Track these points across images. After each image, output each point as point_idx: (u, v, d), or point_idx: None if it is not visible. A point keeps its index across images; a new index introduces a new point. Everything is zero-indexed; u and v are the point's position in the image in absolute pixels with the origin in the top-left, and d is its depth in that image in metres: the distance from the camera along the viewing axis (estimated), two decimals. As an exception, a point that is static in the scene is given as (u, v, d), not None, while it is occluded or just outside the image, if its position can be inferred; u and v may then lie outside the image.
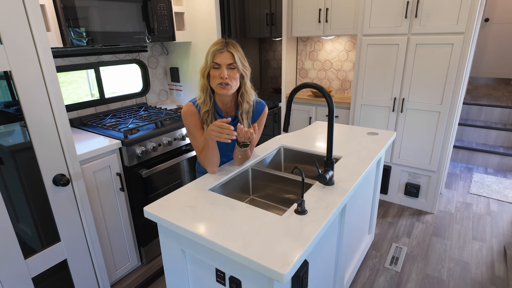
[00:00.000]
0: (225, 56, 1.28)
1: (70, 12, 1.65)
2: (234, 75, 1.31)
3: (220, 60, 1.29)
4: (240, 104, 1.41)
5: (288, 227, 1.02)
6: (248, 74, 1.37)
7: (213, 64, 1.31)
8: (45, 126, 1.40)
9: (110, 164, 1.78)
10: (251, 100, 1.42)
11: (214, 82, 1.32)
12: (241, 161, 1.49)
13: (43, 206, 1.47)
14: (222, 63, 1.29)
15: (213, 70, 1.31)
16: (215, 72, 1.31)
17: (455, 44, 2.25)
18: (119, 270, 1.96)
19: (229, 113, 1.46)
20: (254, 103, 1.45)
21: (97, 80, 2.26)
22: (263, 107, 1.47)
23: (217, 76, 1.30)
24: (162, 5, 2.09)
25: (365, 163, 1.51)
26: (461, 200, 2.93)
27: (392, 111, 2.65)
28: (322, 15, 2.90)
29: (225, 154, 1.54)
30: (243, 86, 1.38)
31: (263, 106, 1.47)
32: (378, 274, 2.05)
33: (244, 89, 1.38)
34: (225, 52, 1.29)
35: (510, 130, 3.60)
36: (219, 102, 1.42)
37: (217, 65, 1.30)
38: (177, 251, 1.15)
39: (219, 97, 1.40)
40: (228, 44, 1.31)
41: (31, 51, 1.31)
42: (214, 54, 1.29)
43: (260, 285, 0.94)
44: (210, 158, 1.38)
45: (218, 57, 1.29)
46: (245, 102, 1.40)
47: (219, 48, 1.29)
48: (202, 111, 1.38)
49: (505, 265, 2.10)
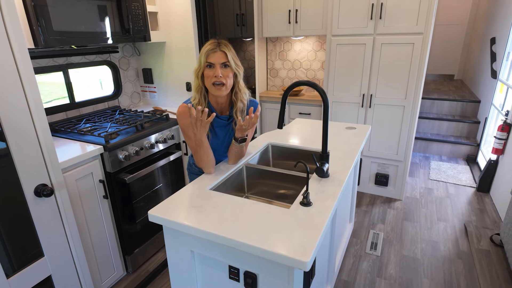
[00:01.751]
0: (218, 56, 1.30)
1: (42, 11, 1.54)
2: (228, 73, 1.33)
3: (214, 59, 1.30)
4: (234, 103, 1.43)
5: (298, 219, 1.07)
6: (241, 73, 1.39)
7: (206, 64, 1.31)
8: (24, 133, 1.30)
9: (93, 171, 1.69)
10: (245, 99, 1.44)
11: (208, 82, 1.33)
12: (236, 159, 1.50)
13: (23, 219, 1.36)
14: (215, 62, 1.30)
15: (207, 69, 1.32)
16: (209, 72, 1.32)
17: (416, 44, 2.46)
18: (105, 282, 1.86)
19: (223, 112, 1.47)
20: (248, 102, 1.47)
21: (66, 83, 2.12)
22: (256, 104, 1.51)
23: (211, 75, 1.32)
24: (136, 4, 2.02)
25: (352, 155, 1.61)
26: (423, 186, 3.20)
27: (361, 106, 2.82)
28: (291, 16, 2.99)
29: (220, 154, 1.54)
30: (237, 85, 1.40)
31: (256, 105, 1.50)
32: (361, 260, 2.18)
33: (237, 87, 1.40)
34: (218, 51, 1.31)
35: (458, 121, 4.01)
36: (213, 102, 1.42)
37: (211, 64, 1.31)
38: (186, 252, 1.14)
39: (213, 97, 1.40)
40: (221, 44, 1.32)
41: (6, 51, 1.21)
42: (207, 54, 1.31)
43: (279, 276, 0.97)
44: (204, 158, 1.38)
45: (212, 56, 1.30)
46: (239, 100, 1.42)
47: (212, 48, 1.30)
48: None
49: (467, 241, 2.35)
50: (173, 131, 2.17)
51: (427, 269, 2.08)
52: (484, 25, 4.57)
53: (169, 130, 2.15)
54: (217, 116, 1.44)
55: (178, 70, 2.43)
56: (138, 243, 2.05)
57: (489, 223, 2.56)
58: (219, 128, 1.47)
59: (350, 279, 2.01)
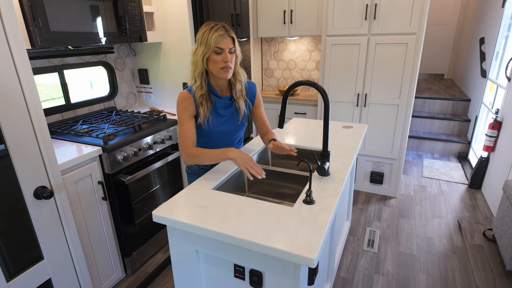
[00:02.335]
0: (227, 41, 1.33)
1: (38, 11, 1.52)
2: (233, 58, 1.38)
3: (224, 45, 1.32)
4: (233, 84, 1.48)
5: (302, 217, 1.08)
6: (240, 57, 1.44)
7: (215, 49, 1.32)
8: (23, 134, 1.28)
9: (91, 173, 1.68)
10: (243, 80, 1.50)
11: (216, 66, 1.35)
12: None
13: (23, 222, 1.34)
14: (225, 47, 1.33)
15: (214, 55, 1.33)
16: (218, 57, 1.33)
17: (409, 43, 2.51)
18: (104, 284, 1.85)
19: (224, 93, 1.50)
20: (246, 83, 1.53)
21: (62, 84, 2.09)
22: (255, 85, 1.59)
23: (220, 60, 1.34)
24: (133, 5, 2.01)
25: (351, 153, 1.63)
26: (417, 183, 3.26)
27: (356, 106, 2.86)
28: (287, 16, 3.02)
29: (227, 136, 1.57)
30: (236, 68, 1.46)
31: (254, 85, 1.58)
32: (358, 257, 2.21)
33: (236, 70, 1.46)
34: (227, 37, 1.33)
35: (450, 119, 4.09)
36: (214, 84, 1.45)
37: (220, 49, 1.33)
38: (190, 252, 1.15)
39: (214, 80, 1.43)
40: (227, 30, 1.35)
41: (5, 52, 1.19)
42: (217, 39, 1.31)
43: (285, 273, 0.98)
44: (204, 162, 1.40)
45: (222, 42, 1.32)
46: (238, 81, 1.48)
47: (222, 33, 1.32)
48: (198, 95, 1.40)
49: (461, 236, 2.41)
50: (170, 132, 2.17)
51: (423, 264, 2.12)
52: (472, 26, 4.67)
53: (167, 130, 2.14)
54: (219, 97, 1.47)
55: (175, 70, 2.43)
56: (137, 245, 2.04)
57: (481, 218, 2.62)
58: (223, 108, 1.49)
59: (348, 276, 2.03)
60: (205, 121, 1.43)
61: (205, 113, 1.42)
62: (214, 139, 1.51)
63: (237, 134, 1.59)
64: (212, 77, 1.42)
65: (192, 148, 1.40)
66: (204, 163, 1.41)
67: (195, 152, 1.39)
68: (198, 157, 1.39)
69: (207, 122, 1.44)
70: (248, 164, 1.27)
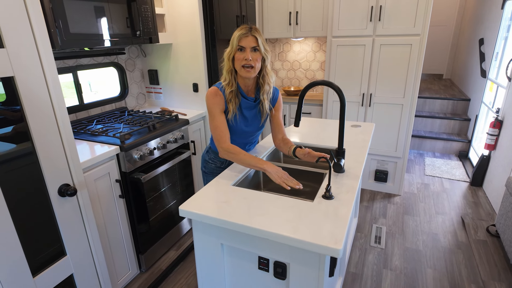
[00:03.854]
0: (250, 40, 1.37)
1: (59, 13, 1.56)
2: (257, 57, 1.40)
3: (245, 43, 1.37)
4: (261, 85, 1.50)
5: (323, 211, 1.13)
6: (269, 57, 1.46)
7: (238, 47, 1.38)
8: (49, 132, 1.32)
9: (109, 171, 1.72)
10: (271, 82, 1.51)
11: (238, 64, 1.40)
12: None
13: (48, 219, 1.38)
14: (246, 46, 1.37)
15: (238, 52, 1.39)
16: (240, 55, 1.39)
17: (413, 45, 2.57)
18: (121, 280, 1.89)
19: (250, 94, 1.54)
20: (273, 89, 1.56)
21: (75, 84, 2.13)
22: (278, 91, 1.61)
23: (242, 58, 1.38)
24: (146, 7, 2.05)
25: (362, 151, 1.69)
26: (420, 181, 3.32)
27: (361, 105, 2.92)
28: (292, 18, 3.07)
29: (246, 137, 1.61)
30: (264, 69, 1.47)
31: (277, 91, 1.60)
32: (366, 253, 2.26)
33: (265, 71, 1.48)
34: (249, 36, 1.37)
35: (450, 118, 4.17)
36: (241, 84, 1.49)
37: (242, 48, 1.38)
38: (216, 246, 1.19)
39: (241, 79, 1.47)
40: (252, 29, 1.39)
41: (34, 54, 1.23)
42: (240, 38, 1.37)
43: (310, 264, 1.03)
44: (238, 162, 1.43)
45: (243, 40, 1.37)
46: (266, 83, 1.49)
47: (244, 32, 1.37)
48: (227, 92, 1.45)
49: (465, 232, 2.47)
50: (182, 131, 2.21)
51: (429, 259, 2.18)
52: (471, 27, 4.75)
53: (179, 130, 2.18)
54: (245, 97, 1.51)
55: (185, 71, 2.47)
56: (150, 242, 2.08)
57: (484, 215, 2.69)
58: (247, 109, 1.54)
59: (358, 271, 2.09)
60: (232, 117, 1.48)
61: (233, 109, 1.46)
62: (232, 137, 1.54)
63: (255, 135, 1.63)
64: (239, 77, 1.47)
65: (230, 144, 1.44)
66: (237, 162, 1.43)
67: (234, 150, 1.42)
68: (235, 155, 1.41)
69: (234, 118, 1.48)
70: (283, 178, 1.30)
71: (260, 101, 1.54)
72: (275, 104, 1.62)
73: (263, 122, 1.59)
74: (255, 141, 1.75)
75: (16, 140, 1.34)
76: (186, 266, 2.13)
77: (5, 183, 1.18)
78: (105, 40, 1.82)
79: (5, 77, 1.16)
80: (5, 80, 1.17)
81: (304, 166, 1.60)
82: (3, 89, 1.31)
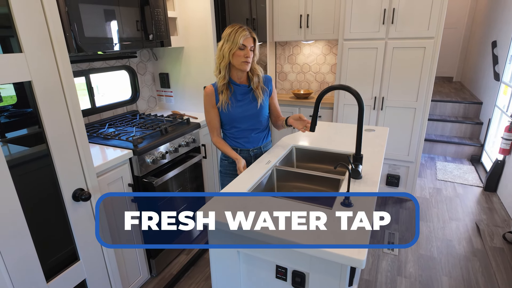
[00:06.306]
0: (250, 40, 1.60)
1: (75, 17, 1.56)
2: (251, 54, 1.64)
3: (247, 43, 1.59)
4: (251, 77, 1.72)
5: (343, 219, 1.10)
6: (258, 55, 1.69)
7: (240, 46, 1.57)
8: (64, 137, 1.32)
9: (123, 175, 1.71)
10: (260, 74, 1.74)
11: (238, 60, 1.60)
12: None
13: (61, 223, 1.38)
14: (248, 45, 1.59)
15: (239, 50, 1.58)
16: (241, 52, 1.59)
17: (427, 47, 2.53)
18: (132, 285, 1.88)
19: (241, 82, 1.74)
20: (262, 76, 1.77)
21: (88, 88, 2.13)
22: (270, 77, 1.82)
23: (242, 55, 1.59)
24: (159, 10, 2.05)
25: (378, 156, 1.66)
26: (432, 186, 3.27)
27: (373, 109, 2.88)
28: (303, 21, 3.05)
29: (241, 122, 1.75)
30: (253, 64, 1.70)
31: (269, 77, 1.81)
32: (380, 259, 2.22)
33: (253, 66, 1.70)
34: (250, 37, 1.60)
35: (461, 122, 4.10)
36: (234, 76, 1.70)
37: (244, 46, 1.58)
38: (232, 253, 1.17)
39: (235, 72, 1.68)
40: (251, 31, 1.61)
41: (51, 58, 1.23)
42: (243, 38, 1.56)
43: (331, 274, 1.00)
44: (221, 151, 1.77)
45: (246, 41, 1.58)
46: (255, 75, 1.72)
47: (246, 34, 1.57)
48: (220, 84, 1.67)
49: (480, 239, 2.42)
50: (194, 135, 2.20)
51: (444, 267, 2.13)
52: (483, 29, 4.69)
53: (191, 134, 2.17)
54: (237, 85, 1.71)
55: (196, 75, 2.46)
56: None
57: (499, 221, 2.63)
58: (241, 94, 1.72)
59: (371, 278, 2.05)
60: (225, 106, 1.69)
61: (224, 99, 1.67)
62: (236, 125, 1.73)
63: (258, 120, 1.75)
64: (233, 69, 1.67)
65: (217, 138, 1.76)
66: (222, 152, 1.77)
67: (219, 142, 1.76)
68: (220, 146, 1.75)
69: (226, 106, 1.70)
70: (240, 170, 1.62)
71: (252, 88, 1.74)
72: (271, 88, 1.81)
73: (261, 104, 1.73)
74: (265, 130, 1.85)
75: (31, 143, 1.34)
76: (197, 271, 2.12)
77: (21, 186, 1.18)
78: (118, 44, 1.82)
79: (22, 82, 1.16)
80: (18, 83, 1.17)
81: (319, 172, 1.57)
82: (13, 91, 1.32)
